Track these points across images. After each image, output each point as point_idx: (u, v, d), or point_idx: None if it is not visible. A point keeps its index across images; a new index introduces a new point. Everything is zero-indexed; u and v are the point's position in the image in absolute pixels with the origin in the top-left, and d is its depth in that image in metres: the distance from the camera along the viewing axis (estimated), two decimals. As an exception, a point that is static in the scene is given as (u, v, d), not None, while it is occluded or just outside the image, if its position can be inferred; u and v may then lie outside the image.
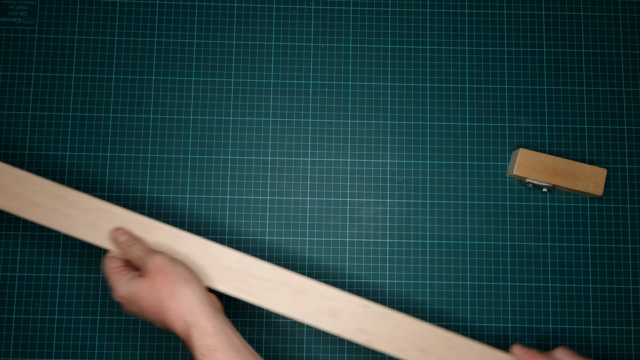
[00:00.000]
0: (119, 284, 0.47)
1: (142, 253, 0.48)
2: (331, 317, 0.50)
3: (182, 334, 0.45)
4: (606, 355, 0.59)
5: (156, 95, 0.62)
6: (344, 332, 0.50)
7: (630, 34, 0.63)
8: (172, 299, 0.45)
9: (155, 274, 0.46)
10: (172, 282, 0.46)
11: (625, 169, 0.61)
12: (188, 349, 0.45)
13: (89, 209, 0.51)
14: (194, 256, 0.51)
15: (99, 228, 0.51)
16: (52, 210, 0.50)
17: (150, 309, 0.46)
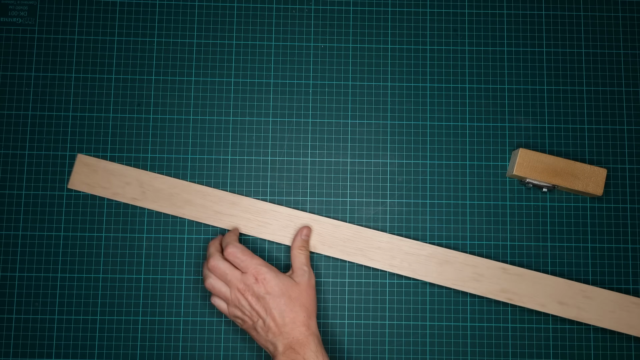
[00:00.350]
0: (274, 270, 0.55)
1: (306, 262, 0.57)
2: (475, 281, 0.58)
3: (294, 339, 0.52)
4: (606, 355, 0.59)
5: (156, 95, 0.62)
6: (487, 294, 0.58)
7: (630, 34, 0.63)
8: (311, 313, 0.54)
9: (307, 287, 0.55)
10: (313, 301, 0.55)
11: (625, 169, 0.61)
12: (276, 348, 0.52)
13: (259, 211, 0.59)
14: (353, 239, 0.59)
15: (268, 226, 0.60)
16: (231, 215, 0.59)
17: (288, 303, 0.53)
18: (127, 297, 0.59)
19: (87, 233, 0.60)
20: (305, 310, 0.53)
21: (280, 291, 0.53)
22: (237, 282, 0.53)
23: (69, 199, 0.60)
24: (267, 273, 0.53)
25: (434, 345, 0.59)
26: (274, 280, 0.53)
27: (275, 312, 0.52)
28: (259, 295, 0.53)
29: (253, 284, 0.53)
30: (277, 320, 0.52)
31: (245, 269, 0.54)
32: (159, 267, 0.60)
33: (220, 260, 0.54)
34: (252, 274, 0.53)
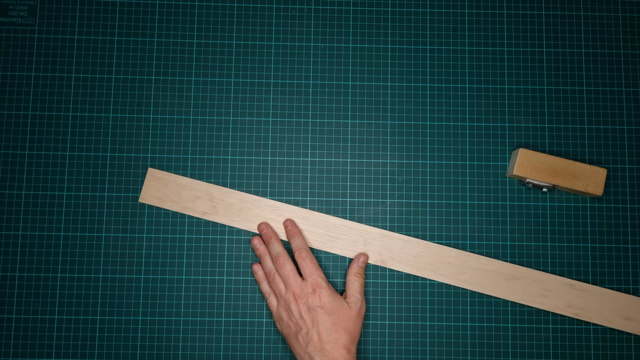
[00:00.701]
0: (332, 288, 0.56)
1: (360, 290, 0.57)
2: (543, 297, 0.59)
3: (332, 358, 0.52)
4: (606, 355, 0.59)
5: (156, 95, 0.62)
6: (554, 309, 0.59)
7: (630, 34, 0.63)
8: (354, 339, 0.54)
9: (357, 315, 0.55)
10: (359, 330, 0.55)
11: (625, 169, 0.61)
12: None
13: (329, 225, 0.60)
14: (423, 255, 0.60)
15: (338, 241, 0.60)
16: (302, 229, 0.60)
17: (336, 323, 0.54)
18: (127, 297, 0.59)
19: (87, 233, 0.60)
20: (350, 336, 0.54)
21: (332, 309, 0.54)
22: (296, 286, 0.55)
23: (69, 199, 0.60)
24: (325, 288, 0.55)
25: (434, 345, 0.59)
26: (329, 297, 0.54)
27: (322, 327, 0.53)
28: (311, 306, 0.54)
29: (309, 293, 0.54)
30: (321, 335, 0.53)
31: (307, 276, 0.55)
32: (159, 267, 0.60)
33: (288, 261, 0.56)
34: (311, 283, 0.55)
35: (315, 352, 0.53)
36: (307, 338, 0.53)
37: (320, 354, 0.52)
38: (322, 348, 0.53)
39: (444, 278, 0.59)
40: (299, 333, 0.54)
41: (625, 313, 0.58)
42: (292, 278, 0.55)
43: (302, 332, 0.54)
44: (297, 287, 0.55)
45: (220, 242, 0.60)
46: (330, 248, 0.60)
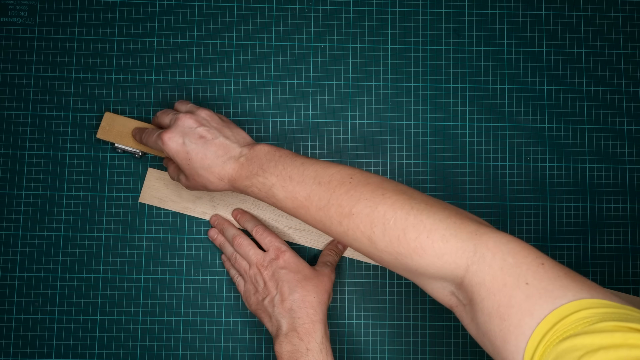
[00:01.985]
0: (293, 251, 0.54)
1: (332, 261, 0.56)
2: None
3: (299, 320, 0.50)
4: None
5: (156, 95, 0.62)
6: None
7: (630, 34, 0.63)
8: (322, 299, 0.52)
9: (324, 276, 0.53)
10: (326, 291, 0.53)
11: (625, 169, 0.61)
12: None
13: None
14: None
15: None
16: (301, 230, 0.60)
17: (301, 281, 0.52)
18: (127, 297, 0.59)
19: (87, 233, 0.60)
20: (317, 293, 0.52)
21: (297, 268, 0.53)
22: (258, 258, 0.54)
23: (69, 199, 0.60)
24: (289, 251, 0.54)
25: (434, 345, 0.59)
26: (293, 258, 0.53)
27: (286, 286, 0.51)
28: (274, 270, 0.53)
29: (273, 259, 0.53)
30: (285, 294, 0.51)
31: (268, 246, 0.54)
32: (159, 267, 0.60)
33: (245, 238, 0.55)
34: (273, 250, 0.54)
35: (282, 314, 0.51)
36: (273, 302, 0.52)
37: (287, 315, 0.50)
38: (290, 308, 0.51)
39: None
40: (264, 300, 0.52)
41: None
42: (252, 251, 0.54)
43: (268, 298, 0.52)
44: (259, 258, 0.54)
45: (220, 242, 0.60)
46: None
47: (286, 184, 0.46)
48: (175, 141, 0.49)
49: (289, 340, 0.50)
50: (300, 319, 0.50)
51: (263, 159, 0.47)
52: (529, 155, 0.61)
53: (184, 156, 0.49)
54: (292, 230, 0.60)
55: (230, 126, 0.51)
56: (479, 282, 0.37)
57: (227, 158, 0.48)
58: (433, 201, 0.42)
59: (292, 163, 0.46)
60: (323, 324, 0.51)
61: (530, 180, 0.61)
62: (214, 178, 0.49)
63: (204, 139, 0.49)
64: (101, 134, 0.58)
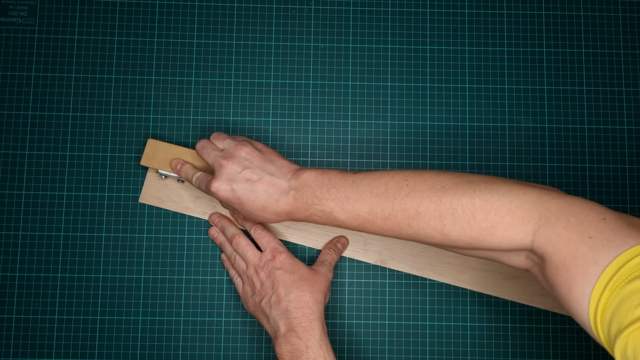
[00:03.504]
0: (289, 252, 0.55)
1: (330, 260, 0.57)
2: (541, 296, 0.59)
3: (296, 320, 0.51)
4: (606, 354, 0.59)
5: (156, 95, 0.62)
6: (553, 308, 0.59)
7: (630, 34, 0.63)
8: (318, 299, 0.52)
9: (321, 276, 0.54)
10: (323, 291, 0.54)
11: (625, 169, 0.61)
12: None
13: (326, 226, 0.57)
14: (423, 255, 0.60)
15: None
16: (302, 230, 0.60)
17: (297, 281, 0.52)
18: (127, 297, 0.59)
19: (87, 233, 0.60)
20: (313, 293, 0.52)
21: (292, 269, 0.53)
22: (255, 259, 0.54)
23: (69, 199, 0.60)
24: (285, 252, 0.54)
25: (434, 345, 0.59)
26: (289, 259, 0.54)
27: (282, 287, 0.52)
28: (271, 271, 0.53)
29: (269, 260, 0.54)
30: (281, 295, 0.51)
31: (264, 246, 0.55)
32: (159, 267, 0.60)
33: (243, 237, 0.56)
34: (270, 251, 0.54)
35: (279, 316, 0.51)
36: (270, 303, 0.52)
37: (284, 316, 0.51)
38: (286, 309, 0.51)
39: (443, 278, 0.59)
40: (262, 302, 0.53)
41: None
42: (250, 252, 0.55)
43: (265, 300, 0.52)
44: (256, 259, 0.54)
45: (220, 242, 0.60)
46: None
47: (345, 205, 0.46)
48: (223, 190, 0.49)
49: (287, 340, 0.50)
50: (296, 318, 0.50)
51: (313, 186, 0.48)
52: (529, 155, 0.61)
53: (237, 201, 0.49)
54: (292, 230, 0.60)
55: (271, 158, 0.51)
56: (546, 241, 0.39)
57: (278, 195, 0.49)
58: (491, 179, 0.43)
59: (343, 183, 0.47)
60: (320, 322, 0.51)
61: (530, 180, 0.61)
62: (271, 215, 0.49)
63: (251, 182, 0.49)
64: (145, 161, 0.58)
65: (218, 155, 0.51)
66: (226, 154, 0.51)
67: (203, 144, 0.53)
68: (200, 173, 0.54)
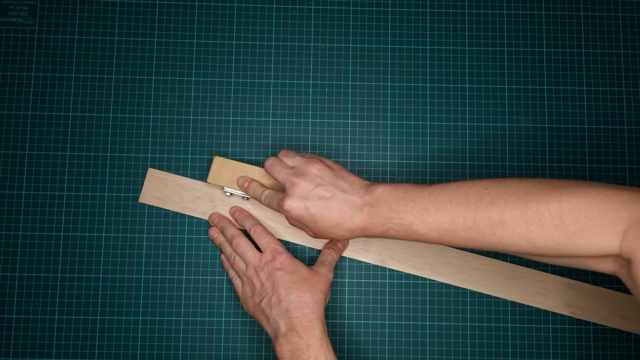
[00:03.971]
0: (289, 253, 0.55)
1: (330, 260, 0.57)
2: (541, 296, 0.59)
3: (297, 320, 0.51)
4: (606, 354, 0.59)
5: (156, 95, 0.62)
6: (552, 308, 0.59)
7: (630, 34, 0.63)
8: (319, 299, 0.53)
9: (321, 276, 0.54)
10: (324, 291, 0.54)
11: (626, 169, 0.61)
12: None
13: None
14: (423, 255, 0.60)
15: None
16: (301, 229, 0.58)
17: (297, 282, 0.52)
18: (127, 297, 0.59)
19: (87, 233, 0.60)
20: (313, 294, 0.52)
21: (293, 269, 0.53)
22: (255, 259, 0.54)
23: (69, 199, 0.60)
24: (285, 253, 0.54)
25: (434, 345, 0.59)
26: (289, 260, 0.54)
27: (282, 288, 0.52)
28: (271, 271, 0.53)
29: (269, 261, 0.54)
30: (281, 295, 0.52)
31: (265, 247, 0.55)
32: (159, 267, 0.60)
33: (243, 238, 0.56)
34: (270, 251, 0.54)
35: (279, 316, 0.51)
36: (270, 304, 0.52)
37: (284, 316, 0.51)
38: (286, 309, 0.51)
39: (443, 278, 0.59)
40: (262, 302, 0.53)
41: (621, 312, 0.59)
42: (250, 252, 0.55)
43: (265, 300, 0.52)
44: (256, 260, 0.54)
45: (220, 242, 0.60)
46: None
47: (424, 217, 0.46)
48: (296, 207, 0.49)
49: (288, 339, 0.50)
50: (297, 318, 0.51)
51: (388, 200, 0.47)
52: (529, 155, 0.61)
53: (310, 219, 0.49)
54: (292, 230, 0.60)
55: (342, 175, 0.51)
56: (633, 239, 0.39)
57: (352, 212, 0.48)
58: (578, 182, 0.43)
59: (419, 195, 0.46)
60: (321, 321, 0.51)
61: (530, 180, 0.61)
62: (344, 232, 0.49)
63: (324, 199, 0.49)
64: (211, 179, 0.58)
65: (289, 173, 0.51)
66: (297, 172, 0.51)
67: (273, 162, 0.53)
68: (269, 191, 0.54)
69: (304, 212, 0.49)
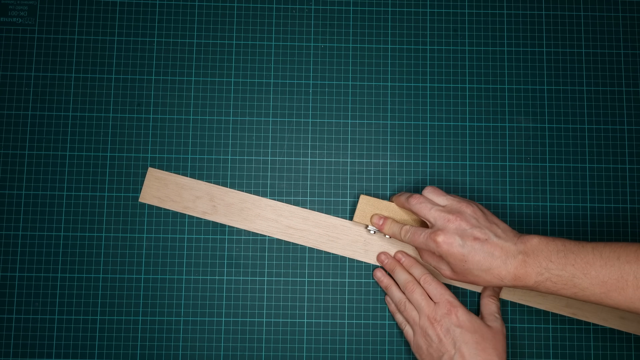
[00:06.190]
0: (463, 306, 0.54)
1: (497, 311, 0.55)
2: (541, 297, 0.59)
3: None
4: (606, 355, 0.59)
5: (156, 95, 0.62)
6: (552, 309, 0.58)
7: (630, 34, 0.63)
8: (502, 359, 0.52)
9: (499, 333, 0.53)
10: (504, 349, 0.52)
11: (626, 169, 0.61)
12: None
13: (329, 225, 0.60)
14: None
15: (338, 241, 0.60)
16: (302, 230, 0.60)
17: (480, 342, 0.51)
18: (127, 297, 0.59)
19: (87, 233, 0.60)
20: (498, 356, 0.51)
21: (473, 328, 0.52)
22: (429, 310, 0.53)
23: (69, 199, 0.60)
24: (460, 307, 0.53)
25: (434, 345, 0.59)
26: (467, 316, 0.52)
27: (465, 348, 0.50)
28: (449, 327, 0.52)
29: (444, 315, 0.52)
30: (466, 356, 0.50)
31: (437, 298, 0.53)
32: (159, 267, 0.60)
33: (418, 286, 0.55)
34: (444, 304, 0.53)
35: None
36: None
37: None
38: None
39: (442, 278, 0.59)
40: (442, 358, 0.51)
41: (620, 312, 0.58)
42: (425, 302, 0.53)
43: (445, 358, 0.51)
44: (430, 311, 0.53)
45: (220, 242, 0.60)
46: (331, 248, 0.60)
47: (588, 271, 0.45)
48: (449, 243, 0.49)
49: None
50: None
51: (545, 251, 0.47)
52: (529, 155, 0.61)
53: (460, 258, 0.49)
54: (292, 230, 0.60)
55: (494, 220, 0.50)
56: None
57: (505, 258, 0.48)
58: None
59: (581, 249, 0.46)
60: None
61: (530, 180, 0.61)
62: (492, 278, 0.48)
63: (480, 241, 0.48)
64: (358, 218, 0.58)
65: (441, 210, 0.51)
66: (452, 210, 0.51)
67: (421, 199, 0.53)
68: (408, 226, 0.54)
69: (456, 249, 0.48)
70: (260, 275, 0.60)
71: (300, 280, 0.60)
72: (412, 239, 0.53)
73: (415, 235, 0.52)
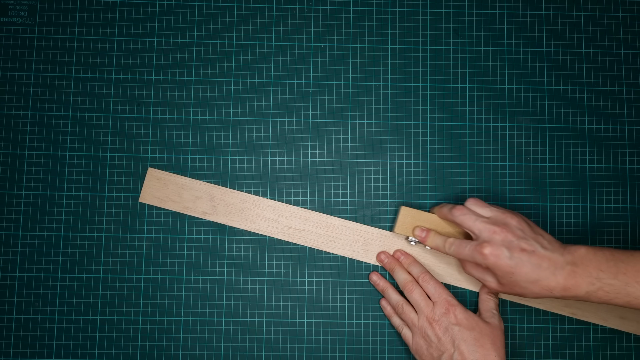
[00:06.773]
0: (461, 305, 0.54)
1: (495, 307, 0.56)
2: None
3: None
4: (606, 355, 0.59)
5: (156, 95, 0.62)
6: (552, 308, 0.58)
7: (630, 34, 0.63)
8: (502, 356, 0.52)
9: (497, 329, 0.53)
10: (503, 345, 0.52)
11: (626, 169, 0.61)
12: None
13: (329, 226, 0.60)
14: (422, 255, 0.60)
15: (338, 241, 0.60)
16: (302, 230, 0.60)
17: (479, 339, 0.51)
18: (127, 297, 0.59)
19: (87, 233, 0.60)
20: (496, 351, 0.51)
21: (471, 325, 0.52)
22: (428, 310, 0.53)
23: (69, 199, 0.60)
24: (458, 305, 0.53)
25: (434, 345, 0.59)
26: (464, 314, 0.53)
27: (464, 345, 0.51)
28: (447, 326, 0.52)
29: (443, 314, 0.53)
30: (464, 353, 0.51)
31: (435, 298, 0.54)
32: (159, 267, 0.60)
33: (417, 286, 0.55)
34: (442, 303, 0.53)
35: None
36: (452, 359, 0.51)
37: None
38: None
39: (443, 278, 0.59)
40: (442, 357, 0.52)
41: (620, 312, 0.59)
42: (423, 302, 0.54)
43: (445, 356, 0.51)
44: (429, 311, 0.53)
45: (220, 242, 0.60)
46: (330, 248, 0.60)
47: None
48: (496, 255, 0.49)
49: None
50: None
51: (594, 261, 0.47)
52: (529, 155, 0.61)
53: (508, 270, 0.49)
54: (292, 230, 0.60)
55: (539, 231, 0.50)
56: None
57: (554, 269, 0.48)
58: None
59: (630, 258, 0.46)
60: None
61: (530, 180, 0.61)
62: (540, 289, 0.48)
63: (527, 252, 0.48)
64: (399, 229, 0.58)
65: (485, 222, 0.51)
66: (497, 222, 0.50)
67: (464, 211, 0.53)
68: (452, 239, 0.54)
69: (504, 261, 0.48)
70: (260, 275, 0.60)
71: (300, 280, 0.60)
72: (456, 251, 0.52)
73: (460, 247, 0.52)
